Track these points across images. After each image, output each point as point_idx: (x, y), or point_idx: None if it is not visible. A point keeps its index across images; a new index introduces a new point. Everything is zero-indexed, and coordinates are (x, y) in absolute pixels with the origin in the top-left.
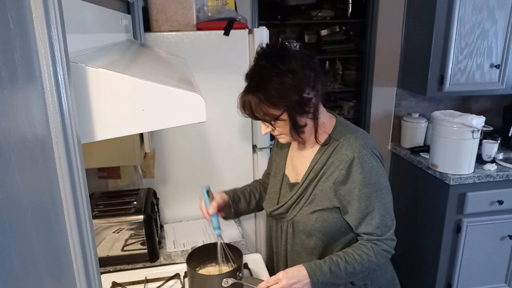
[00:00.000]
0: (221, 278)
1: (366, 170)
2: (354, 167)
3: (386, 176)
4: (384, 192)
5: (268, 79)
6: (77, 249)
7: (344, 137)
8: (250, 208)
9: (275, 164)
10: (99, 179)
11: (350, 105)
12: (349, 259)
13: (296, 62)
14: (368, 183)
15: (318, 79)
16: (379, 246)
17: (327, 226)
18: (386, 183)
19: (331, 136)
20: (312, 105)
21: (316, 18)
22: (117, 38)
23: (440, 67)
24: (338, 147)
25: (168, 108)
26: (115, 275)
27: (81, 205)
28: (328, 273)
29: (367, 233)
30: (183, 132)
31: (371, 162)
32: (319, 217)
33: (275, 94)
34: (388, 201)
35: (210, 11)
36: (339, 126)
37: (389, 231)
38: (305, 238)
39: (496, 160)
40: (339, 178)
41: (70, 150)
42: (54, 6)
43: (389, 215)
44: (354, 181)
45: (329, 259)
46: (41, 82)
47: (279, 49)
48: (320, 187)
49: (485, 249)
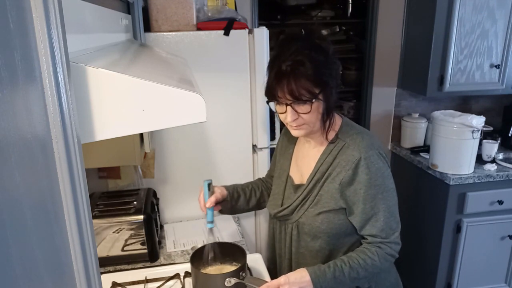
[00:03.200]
0: (224, 277)
1: (372, 171)
2: (361, 167)
3: (392, 178)
4: (390, 194)
5: (325, 59)
6: (77, 249)
7: (351, 137)
8: (249, 206)
9: (279, 165)
10: (99, 179)
11: (350, 105)
12: (353, 264)
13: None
14: (374, 184)
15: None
16: (383, 250)
17: (333, 228)
18: (392, 185)
19: (338, 136)
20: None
21: (316, 18)
22: (117, 38)
23: (440, 67)
24: (344, 148)
25: (168, 108)
26: (115, 275)
27: (81, 205)
28: (332, 279)
29: (371, 235)
30: (183, 132)
31: (378, 163)
32: (325, 218)
33: (321, 70)
34: (393, 203)
35: (210, 11)
36: (345, 126)
37: (393, 234)
38: (310, 240)
39: (496, 160)
40: (346, 179)
41: (70, 150)
42: (54, 6)
43: (394, 217)
44: (359, 182)
45: (333, 264)
46: (41, 82)
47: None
48: (326, 188)
49: (485, 249)
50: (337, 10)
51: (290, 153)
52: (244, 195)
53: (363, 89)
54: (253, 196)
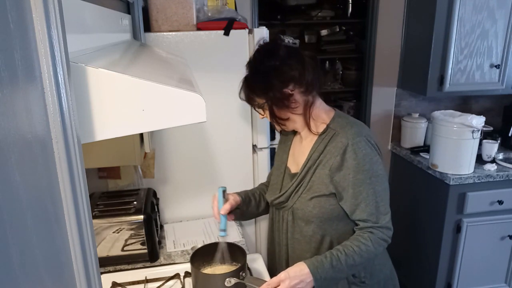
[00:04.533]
0: (224, 277)
1: (360, 157)
2: (348, 153)
3: (382, 164)
4: (379, 179)
5: (255, 72)
6: (77, 249)
7: (341, 126)
8: (259, 210)
9: (279, 158)
10: (99, 179)
11: (350, 105)
12: (348, 251)
13: (282, 58)
14: (362, 169)
15: (309, 75)
16: (375, 235)
17: (324, 212)
18: (381, 171)
19: (329, 126)
20: (294, 101)
21: (316, 18)
22: (117, 38)
23: (440, 67)
24: (334, 136)
25: (168, 108)
26: (115, 275)
27: (81, 205)
28: (330, 269)
29: (362, 220)
30: (183, 132)
31: (365, 149)
32: (317, 203)
33: (258, 87)
34: (382, 188)
35: (210, 11)
36: (337, 117)
37: (384, 219)
38: (304, 226)
39: (496, 160)
40: (335, 165)
41: (70, 150)
42: (54, 6)
43: (384, 202)
44: (348, 168)
45: (329, 254)
46: (41, 82)
47: (269, 45)
48: (318, 174)
49: (485, 249)
50: (337, 10)
51: (288, 145)
52: (254, 199)
53: (363, 89)
54: (262, 200)
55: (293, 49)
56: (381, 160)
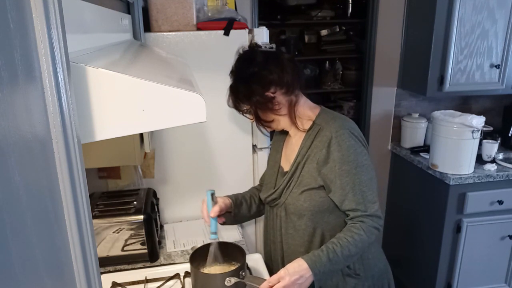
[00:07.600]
0: (224, 277)
1: (344, 148)
2: (333, 146)
3: (367, 155)
4: (364, 169)
5: (237, 80)
6: (77, 249)
7: (326, 121)
8: (250, 213)
9: (272, 158)
10: (99, 179)
11: (350, 105)
12: (343, 243)
13: (260, 64)
14: (347, 161)
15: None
16: (366, 223)
17: (315, 205)
18: (366, 161)
19: (314, 122)
20: (277, 102)
21: (316, 18)
22: (117, 38)
23: (440, 67)
24: (320, 130)
25: (168, 108)
26: (115, 275)
27: (81, 205)
28: (328, 262)
29: (351, 209)
30: (183, 132)
31: (349, 140)
32: (307, 197)
33: (241, 93)
34: (368, 178)
35: (210, 11)
36: (323, 113)
37: (373, 207)
38: (296, 220)
39: (496, 160)
40: (321, 158)
41: (70, 150)
42: (54, 6)
43: (371, 191)
44: (333, 160)
45: (325, 247)
46: (41, 82)
47: (247, 53)
48: (307, 169)
49: (485, 249)
50: (337, 10)
51: (281, 145)
52: (245, 202)
53: (363, 89)
54: (253, 203)
55: (270, 53)
56: (366, 151)
